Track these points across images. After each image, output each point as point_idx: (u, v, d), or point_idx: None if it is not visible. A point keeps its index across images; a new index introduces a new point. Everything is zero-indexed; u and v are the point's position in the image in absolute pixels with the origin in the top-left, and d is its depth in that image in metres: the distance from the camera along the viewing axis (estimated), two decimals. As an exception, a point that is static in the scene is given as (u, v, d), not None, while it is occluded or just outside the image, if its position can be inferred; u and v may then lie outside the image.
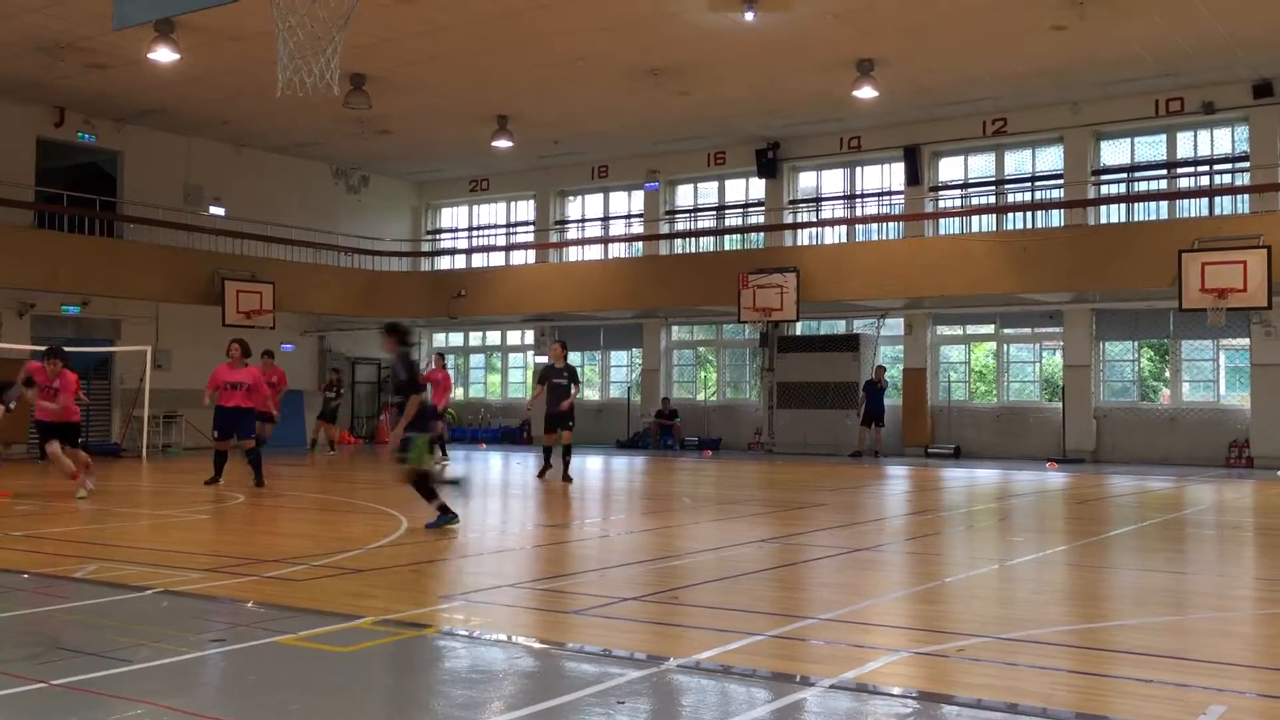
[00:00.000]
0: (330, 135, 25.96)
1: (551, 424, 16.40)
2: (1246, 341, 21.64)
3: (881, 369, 24.62)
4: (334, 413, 24.86)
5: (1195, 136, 22.67)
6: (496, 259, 30.47)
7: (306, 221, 27.63)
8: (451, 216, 32.35)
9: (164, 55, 18.49)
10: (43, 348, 14.28)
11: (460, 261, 30.52)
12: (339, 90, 14.17)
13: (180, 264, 24.19)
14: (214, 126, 25.27)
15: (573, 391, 16.21)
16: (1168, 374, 23.22)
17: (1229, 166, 22.33)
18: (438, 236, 32.21)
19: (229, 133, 25.86)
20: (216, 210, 26.38)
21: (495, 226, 31.44)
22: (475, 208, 31.84)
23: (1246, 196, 21.32)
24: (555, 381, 16.22)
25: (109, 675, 4.83)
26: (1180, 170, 22.87)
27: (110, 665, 5.00)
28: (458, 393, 32.00)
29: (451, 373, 26.22)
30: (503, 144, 25.03)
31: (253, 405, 14.79)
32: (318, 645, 5.49)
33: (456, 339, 32.40)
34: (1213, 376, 22.69)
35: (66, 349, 14.68)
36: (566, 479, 16.00)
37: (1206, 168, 22.65)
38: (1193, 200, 22.13)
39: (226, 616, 6.22)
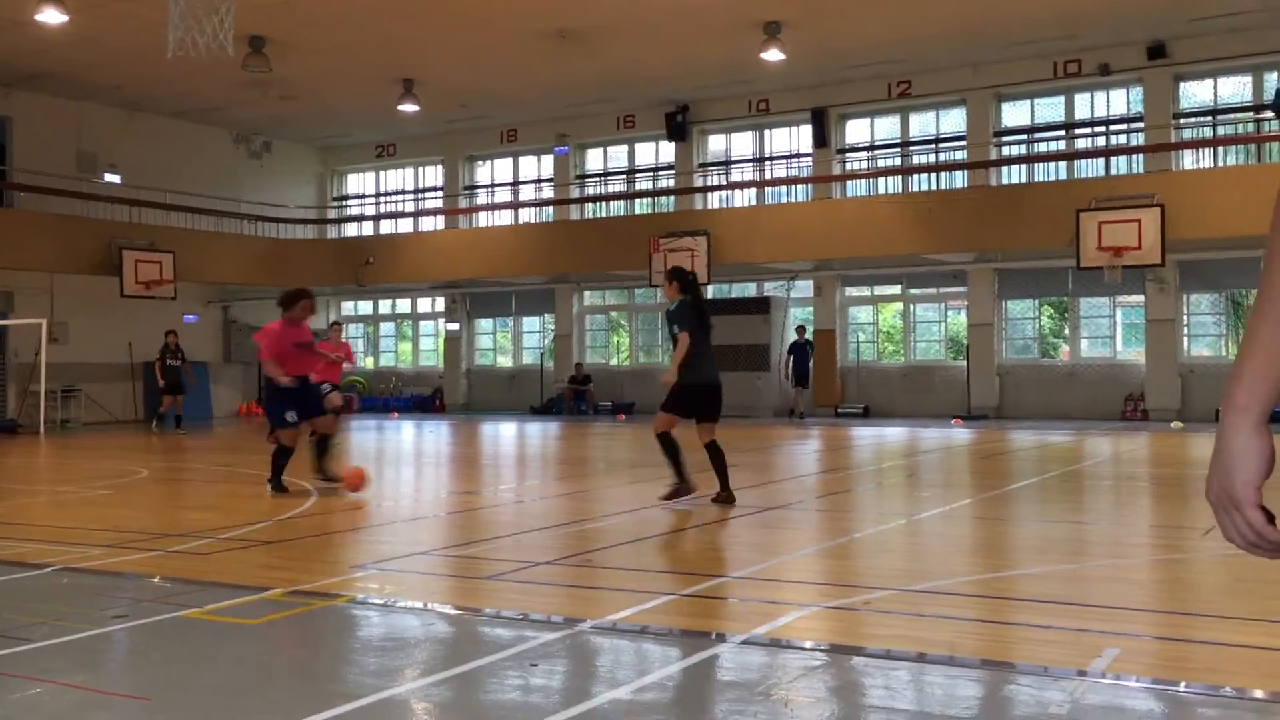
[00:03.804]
0: (230, 100, 25.28)
1: (690, 400, 9.61)
2: (1141, 298, 22.30)
3: (801, 328, 24.72)
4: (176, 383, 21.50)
5: (1092, 98, 23.20)
6: (405, 225, 30.06)
7: (207, 189, 26.93)
8: (358, 183, 31.80)
9: (51, 16, 17.81)
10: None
11: (368, 228, 30.05)
12: (235, 52, 13.82)
13: (75, 233, 23.44)
14: (106, 91, 24.44)
15: (677, 345, 9.68)
16: (1067, 331, 23.85)
17: (1124, 127, 22.91)
18: (344, 203, 31.64)
19: (122, 97, 25.04)
20: (112, 178, 25.58)
21: (403, 192, 30.99)
22: (382, 174, 31.34)
23: (1141, 156, 21.89)
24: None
25: (7, 654, 4.70)
26: (1078, 131, 23.40)
27: (8, 644, 4.85)
28: (368, 361, 31.62)
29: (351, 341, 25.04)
30: (409, 108, 24.64)
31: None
32: (226, 619, 5.40)
33: (366, 307, 31.95)
34: (1110, 333, 23.37)
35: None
36: (725, 497, 9.41)
37: (1103, 128, 23.21)
38: (1090, 160, 22.68)
39: (130, 592, 6.08)
